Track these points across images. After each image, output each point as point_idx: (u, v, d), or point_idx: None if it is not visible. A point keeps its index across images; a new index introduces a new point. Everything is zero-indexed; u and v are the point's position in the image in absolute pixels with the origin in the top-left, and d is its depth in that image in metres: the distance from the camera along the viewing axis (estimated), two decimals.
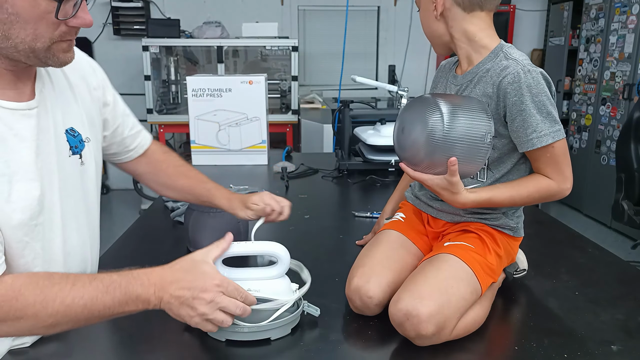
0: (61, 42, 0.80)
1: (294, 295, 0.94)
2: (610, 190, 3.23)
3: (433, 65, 5.06)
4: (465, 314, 0.92)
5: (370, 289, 0.97)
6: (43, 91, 0.89)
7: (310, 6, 4.89)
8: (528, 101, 0.94)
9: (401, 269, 1.03)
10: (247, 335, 0.88)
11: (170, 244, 1.35)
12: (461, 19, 1.00)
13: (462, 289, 0.92)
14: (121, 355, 0.90)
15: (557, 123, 0.96)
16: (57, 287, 0.77)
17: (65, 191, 0.91)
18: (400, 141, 1.03)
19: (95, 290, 0.78)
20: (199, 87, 2.23)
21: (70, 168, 0.93)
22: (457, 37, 1.03)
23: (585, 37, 4.31)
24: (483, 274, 0.97)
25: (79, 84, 0.99)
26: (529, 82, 0.94)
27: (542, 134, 0.95)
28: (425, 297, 0.88)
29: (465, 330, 0.93)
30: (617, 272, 1.21)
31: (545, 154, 0.97)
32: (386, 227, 1.16)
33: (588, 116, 4.30)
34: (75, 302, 0.77)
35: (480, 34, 1.01)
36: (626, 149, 2.76)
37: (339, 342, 0.91)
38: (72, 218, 0.94)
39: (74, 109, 0.96)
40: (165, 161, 1.22)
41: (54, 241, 0.89)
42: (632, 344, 0.90)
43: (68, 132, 0.93)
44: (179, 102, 4.42)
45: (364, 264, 1.03)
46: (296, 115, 4.11)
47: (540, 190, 0.99)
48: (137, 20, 4.61)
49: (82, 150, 0.96)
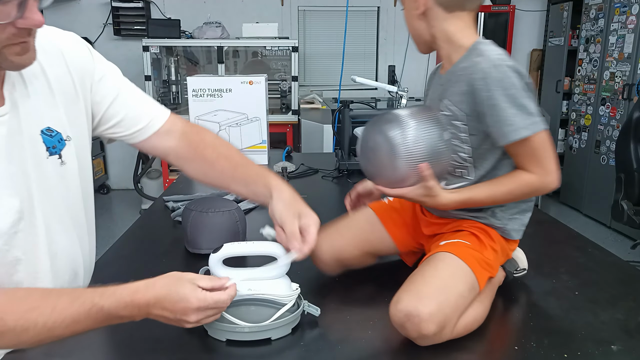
0: (13, 46, 0.75)
1: (294, 295, 0.94)
2: (610, 190, 3.24)
3: (433, 66, 5.05)
4: (465, 312, 0.92)
5: (321, 249, 1.07)
6: (13, 94, 0.84)
7: (310, 6, 4.89)
8: (499, 95, 0.93)
9: (353, 237, 1.13)
10: (247, 335, 0.88)
11: (170, 244, 1.35)
12: (442, 19, 1.01)
13: (461, 286, 0.92)
14: (121, 355, 0.90)
15: (533, 115, 0.94)
16: (37, 310, 0.76)
17: (45, 193, 0.89)
18: (368, 170, 1.07)
19: (77, 314, 0.77)
20: (199, 88, 2.23)
21: (49, 169, 0.90)
22: (437, 37, 1.03)
23: (585, 37, 4.31)
24: (480, 269, 0.97)
25: (62, 78, 0.93)
26: (499, 76, 0.93)
27: (517, 128, 0.94)
28: (424, 297, 0.88)
29: (466, 329, 0.92)
30: (617, 272, 1.21)
31: (523, 148, 0.96)
32: (369, 204, 1.19)
33: (587, 116, 4.30)
34: (57, 325, 0.77)
35: (459, 34, 1.01)
36: (626, 149, 2.76)
37: (339, 342, 0.91)
38: (56, 219, 0.92)
39: (50, 107, 0.91)
40: (201, 143, 1.09)
41: (37, 245, 0.88)
42: (632, 344, 0.90)
43: (44, 133, 0.89)
44: (179, 102, 4.42)
45: (326, 228, 1.11)
46: (296, 115, 4.12)
47: (520, 185, 0.98)
48: (137, 20, 4.61)
49: (62, 149, 0.92)
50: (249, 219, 1.37)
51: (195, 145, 1.09)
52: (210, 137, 1.12)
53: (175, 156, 1.10)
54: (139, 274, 0.84)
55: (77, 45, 0.99)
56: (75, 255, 0.98)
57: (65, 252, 0.95)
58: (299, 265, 0.96)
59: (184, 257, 1.27)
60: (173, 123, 1.10)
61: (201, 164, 1.10)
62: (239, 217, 1.29)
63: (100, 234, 1.09)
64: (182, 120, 1.12)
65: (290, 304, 0.93)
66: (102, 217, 4.37)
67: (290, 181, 1.99)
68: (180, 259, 1.26)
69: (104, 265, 1.21)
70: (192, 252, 1.27)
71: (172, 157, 1.10)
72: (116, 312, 0.78)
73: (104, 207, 4.71)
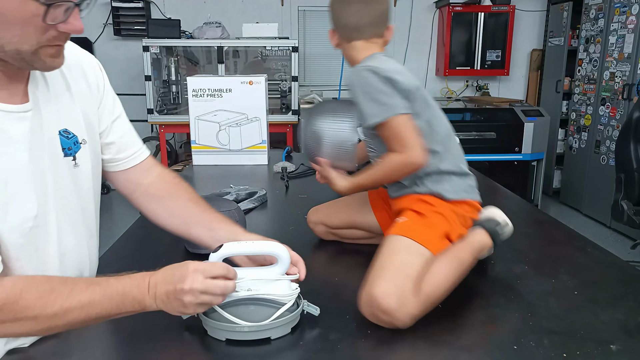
0: (49, 47, 0.78)
1: (294, 294, 0.94)
2: (610, 190, 3.23)
3: (433, 66, 5.06)
4: (429, 274, 1.00)
5: (312, 214, 1.41)
6: (36, 93, 0.87)
7: (310, 6, 4.89)
8: (358, 94, 1.15)
9: (338, 209, 1.38)
10: (247, 334, 0.89)
11: (170, 244, 1.35)
12: (348, 48, 1.27)
13: (404, 256, 1.02)
14: (121, 354, 0.90)
15: (385, 104, 1.11)
16: (56, 291, 0.79)
17: (59, 193, 0.91)
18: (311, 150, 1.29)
19: (93, 294, 0.81)
20: (199, 88, 2.24)
21: (63, 170, 0.92)
22: (347, 61, 1.29)
23: (585, 38, 4.31)
24: (420, 234, 1.06)
25: (79, 82, 0.97)
26: (357, 80, 1.16)
27: (370, 115, 1.13)
28: (373, 282, 0.96)
29: (437, 287, 0.99)
30: (616, 272, 1.21)
31: (384, 132, 1.13)
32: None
33: (587, 116, 4.30)
34: (74, 306, 0.79)
35: (360, 57, 1.24)
36: (626, 149, 2.76)
37: (339, 341, 0.91)
38: (67, 220, 0.94)
39: (69, 109, 0.94)
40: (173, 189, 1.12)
41: (48, 243, 0.90)
42: (632, 343, 0.90)
43: (61, 134, 0.92)
44: (179, 102, 4.42)
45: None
46: (296, 115, 4.12)
47: (391, 164, 1.14)
48: (137, 20, 4.61)
49: (77, 152, 0.95)
50: (248, 219, 1.37)
51: (171, 184, 1.13)
52: (184, 183, 1.15)
53: (144, 193, 1.10)
54: None
55: (93, 61, 1.04)
56: (82, 256, 1.00)
57: (74, 252, 0.96)
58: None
59: (183, 257, 1.27)
60: (154, 162, 1.13)
61: (173, 202, 1.11)
62: (239, 217, 1.29)
63: (100, 234, 1.10)
64: (159, 162, 1.17)
65: (289, 304, 0.93)
66: (102, 217, 4.32)
67: (290, 181, 2.00)
68: (180, 259, 1.24)
69: (104, 265, 1.21)
70: (192, 252, 1.27)
71: (138, 193, 1.11)
72: (130, 291, 0.82)
73: (104, 207, 4.66)
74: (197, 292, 0.83)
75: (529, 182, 4.22)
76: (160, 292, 0.83)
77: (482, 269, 1.19)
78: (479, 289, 1.13)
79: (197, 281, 0.83)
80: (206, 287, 0.84)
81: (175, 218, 1.10)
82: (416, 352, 0.88)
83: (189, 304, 0.83)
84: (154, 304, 0.84)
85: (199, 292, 0.83)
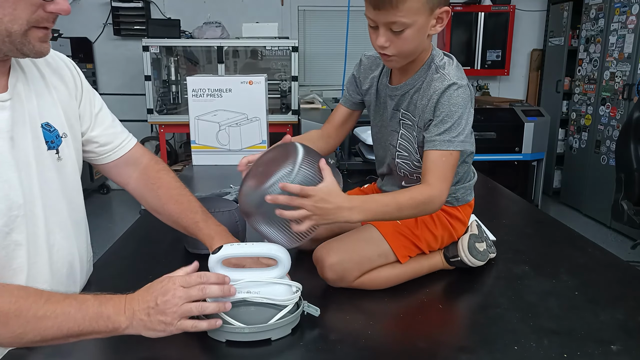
0: (37, 29, 0.82)
1: (294, 297, 0.94)
2: (610, 190, 3.23)
3: None
4: (377, 271, 1.08)
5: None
6: (17, 85, 0.90)
7: (310, 6, 4.89)
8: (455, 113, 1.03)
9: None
10: (247, 335, 0.88)
11: (170, 244, 1.35)
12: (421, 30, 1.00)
13: (369, 250, 1.08)
14: (121, 355, 0.90)
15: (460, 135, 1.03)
16: (31, 298, 0.78)
17: (45, 185, 0.93)
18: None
19: (68, 307, 0.79)
20: (199, 87, 2.23)
21: (48, 163, 0.94)
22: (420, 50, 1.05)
23: (585, 37, 4.31)
24: (396, 240, 1.09)
25: (54, 79, 1.00)
26: (463, 100, 1.04)
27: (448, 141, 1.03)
28: (332, 250, 1.06)
29: (372, 283, 1.08)
30: (616, 272, 1.21)
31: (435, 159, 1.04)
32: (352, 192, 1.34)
33: (588, 116, 4.30)
34: (47, 316, 0.77)
35: (428, 46, 1.08)
36: (626, 149, 2.76)
37: (339, 342, 0.91)
38: (54, 212, 0.95)
39: (49, 105, 0.96)
40: (157, 182, 1.14)
41: (36, 234, 0.91)
42: (632, 343, 0.90)
43: (44, 127, 0.94)
44: (179, 102, 4.42)
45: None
46: (296, 115, 4.11)
47: (417, 196, 1.01)
48: (137, 20, 4.61)
49: (59, 145, 0.97)
50: None
51: (152, 183, 1.14)
52: (167, 178, 1.15)
53: (134, 187, 1.15)
54: (139, 274, 0.84)
55: (66, 59, 1.07)
56: (72, 249, 1.01)
57: (63, 245, 0.98)
58: (298, 266, 0.96)
59: (183, 257, 1.27)
60: (141, 154, 1.15)
61: (153, 201, 1.14)
62: (239, 217, 1.29)
63: (100, 234, 1.10)
64: (147, 153, 1.18)
65: (290, 306, 0.93)
66: (102, 217, 4.37)
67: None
68: (180, 260, 1.26)
69: (104, 266, 1.21)
70: (192, 252, 1.26)
71: (131, 187, 1.15)
72: (105, 310, 0.80)
73: (104, 207, 4.71)
74: (181, 301, 0.82)
75: (529, 182, 4.21)
76: (138, 309, 0.81)
77: (482, 269, 1.19)
78: (479, 289, 1.13)
79: (179, 290, 0.82)
80: (190, 294, 0.83)
81: (159, 216, 1.15)
82: (416, 352, 0.88)
83: (173, 315, 0.81)
84: (129, 324, 0.81)
85: (185, 301, 0.82)
